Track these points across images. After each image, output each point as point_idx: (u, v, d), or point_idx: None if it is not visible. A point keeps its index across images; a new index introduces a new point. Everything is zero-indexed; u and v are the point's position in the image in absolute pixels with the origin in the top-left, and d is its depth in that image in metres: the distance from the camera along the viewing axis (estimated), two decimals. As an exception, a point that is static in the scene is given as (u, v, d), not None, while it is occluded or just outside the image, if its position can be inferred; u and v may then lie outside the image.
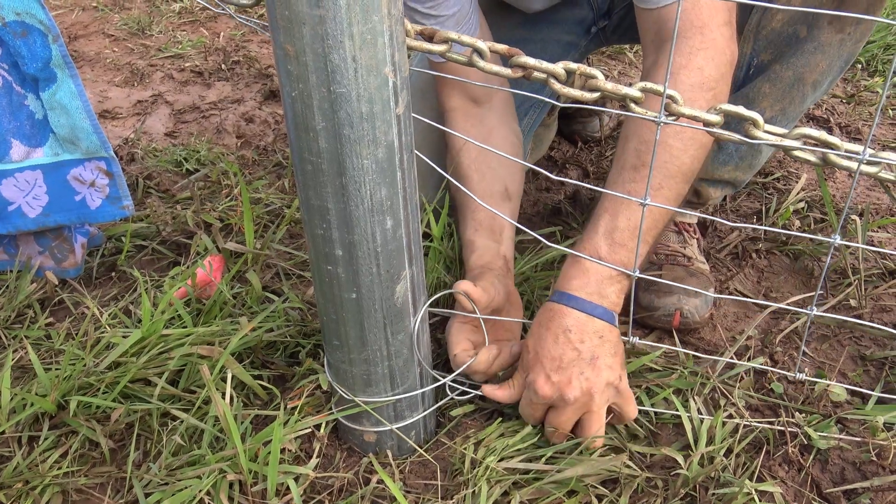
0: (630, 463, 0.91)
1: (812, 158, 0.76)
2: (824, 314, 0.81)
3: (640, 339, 1.14)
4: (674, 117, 0.77)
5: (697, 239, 1.30)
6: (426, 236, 1.16)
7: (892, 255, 1.31)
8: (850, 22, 1.04)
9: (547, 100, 0.86)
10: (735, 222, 1.46)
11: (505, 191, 1.14)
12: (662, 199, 0.91)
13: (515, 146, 1.20)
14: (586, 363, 0.87)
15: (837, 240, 0.75)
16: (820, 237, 0.88)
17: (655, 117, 0.76)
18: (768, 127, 0.76)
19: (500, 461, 0.89)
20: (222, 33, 2.44)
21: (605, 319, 0.89)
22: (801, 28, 1.07)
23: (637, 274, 0.86)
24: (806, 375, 0.96)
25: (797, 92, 1.12)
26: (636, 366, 1.03)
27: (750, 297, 1.26)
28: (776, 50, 1.11)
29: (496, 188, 1.13)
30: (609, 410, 0.92)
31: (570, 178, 1.62)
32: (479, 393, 0.95)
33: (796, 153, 0.76)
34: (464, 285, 0.95)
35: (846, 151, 0.75)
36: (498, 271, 1.03)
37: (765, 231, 1.41)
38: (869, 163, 0.73)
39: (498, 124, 1.17)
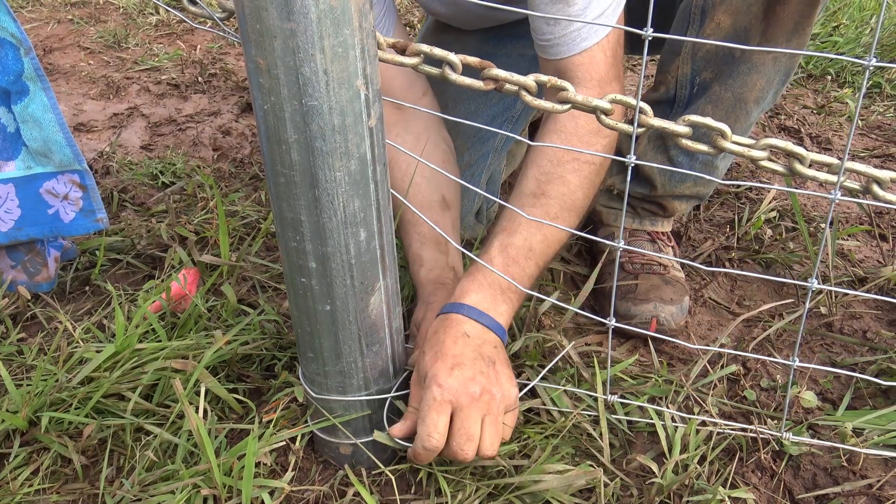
0: (605, 471, 0.91)
1: (780, 170, 0.78)
2: (805, 365, 0.83)
3: (615, 347, 1.16)
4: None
5: (672, 247, 1.31)
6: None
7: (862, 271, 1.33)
8: (779, 41, 1.07)
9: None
10: (708, 231, 1.47)
11: (443, 200, 1.13)
12: (557, 228, 0.94)
13: (446, 153, 1.18)
14: (486, 363, 0.86)
15: (815, 284, 0.75)
16: (798, 282, 0.90)
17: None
18: (736, 137, 0.78)
19: (470, 473, 0.89)
20: (199, 46, 2.43)
21: (498, 334, 0.90)
22: (734, 49, 1.10)
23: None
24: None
25: (740, 111, 1.15)
26: (611, 373, 1.03)
27: (723, 305, 1.27)
28: (715, 68, 1.14)
29: (433, 198, 1.12)
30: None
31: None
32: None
33: (763, 164, 0.77)
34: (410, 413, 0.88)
35: (812, 162, 0.77)
36: (450, 286, 1.03)
37: (738, 240, 1.43)
38: (833, 171, 0.74)
39: (424, 130, 1.15)
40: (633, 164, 0.77)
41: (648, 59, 2.28)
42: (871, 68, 0.63)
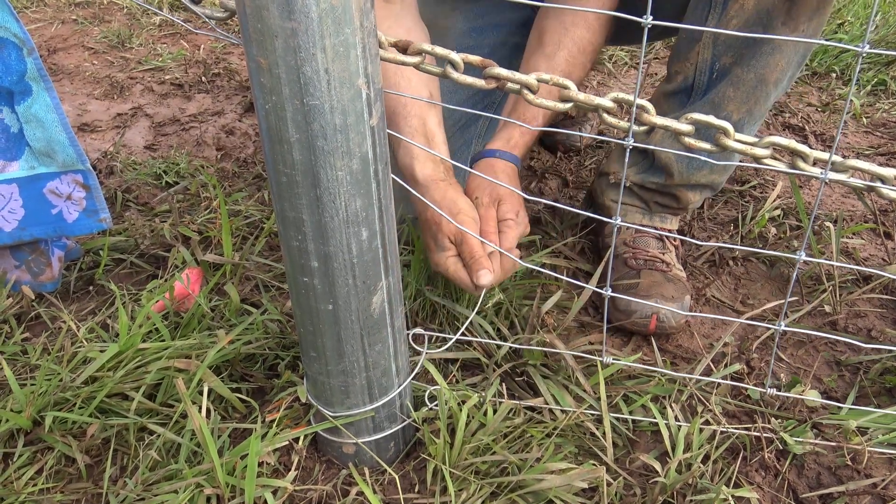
0: (608, 470, 0.91)
1: (781, 167, 0.78)
2: (791, 328, 0.83)
3: (619, 347, 1.16)
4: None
5: (676, 247, 1.31)
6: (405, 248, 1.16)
7: (860, 267, 1.32)
8: (802, 20, 1.07)
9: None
10: (712, 230, 1.47)
11: (430, 96, 1.14)
12: (581, 70, 1.21)
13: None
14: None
15: (803, 256, 0.77)
16: (786, 254, 0.89)
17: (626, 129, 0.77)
18: (738, 136, 0.77)
19: (474, 472, 0.89)
20: (203, 46, 2.44)
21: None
22: (756, 30, 1.09)
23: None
24: (777, 390, 0.97)
25: (761, 92, 1.14)
26: (613, 369, 1.03)
27: (727, 304, 1.27)
28: (736, 53, 1.13)
29: (423, 94, 1.13)
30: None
31: (550, 187, 1.63)
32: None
33: (766, 161, 0.77)
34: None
35: (814, 159, 0.76)
36: (440, 181, 1.07)
37: (741, 238, 1.42)
38: (837, 170, 0.74)
39: (414, 25, 1.17)
40: (630, 147, 0.77)
41: (652, 56, 2.27)
42: (864, 55, 0.63)
